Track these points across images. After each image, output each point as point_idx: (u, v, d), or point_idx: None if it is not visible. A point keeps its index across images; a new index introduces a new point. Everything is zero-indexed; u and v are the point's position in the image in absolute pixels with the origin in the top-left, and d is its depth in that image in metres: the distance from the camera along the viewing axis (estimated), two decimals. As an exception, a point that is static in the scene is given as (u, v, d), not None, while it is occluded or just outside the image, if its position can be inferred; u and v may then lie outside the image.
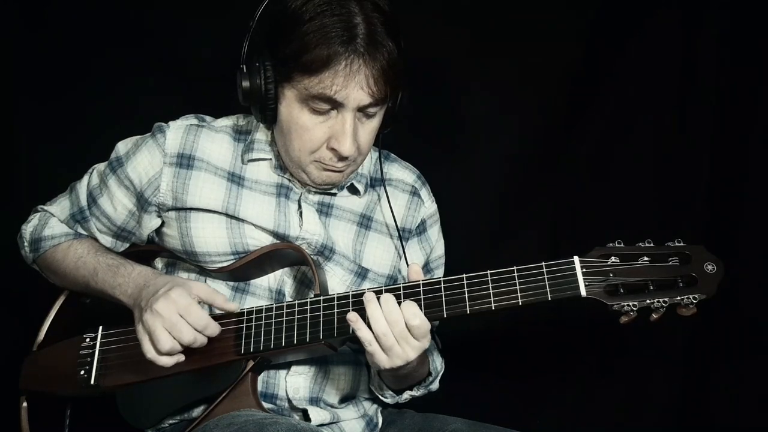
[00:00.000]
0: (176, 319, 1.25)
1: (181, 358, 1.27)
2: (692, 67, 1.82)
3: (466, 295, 1.22)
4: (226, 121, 1.48)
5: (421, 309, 1.22)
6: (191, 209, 1.39)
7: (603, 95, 1.89)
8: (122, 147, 1.46)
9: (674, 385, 1.88)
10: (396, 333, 1.19)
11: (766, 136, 1.73)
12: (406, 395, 1.43)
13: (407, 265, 1.40)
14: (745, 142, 1.77)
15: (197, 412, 1.38)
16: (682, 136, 1.84)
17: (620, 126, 1.89)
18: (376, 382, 1.43)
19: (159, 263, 1.51)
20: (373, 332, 1.19)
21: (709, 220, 1.80)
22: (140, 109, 1.74)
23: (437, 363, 1.49)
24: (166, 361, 1.26)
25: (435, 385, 1.49)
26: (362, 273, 1.44)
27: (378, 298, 1.21)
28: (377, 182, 1.49)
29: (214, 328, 1.29)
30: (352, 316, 1.21)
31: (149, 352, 1.26)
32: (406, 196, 1.52)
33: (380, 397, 1.45)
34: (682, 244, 1.19)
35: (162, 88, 1.92)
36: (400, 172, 1.54)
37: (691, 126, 1.83)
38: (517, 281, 1.20)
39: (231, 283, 1.42)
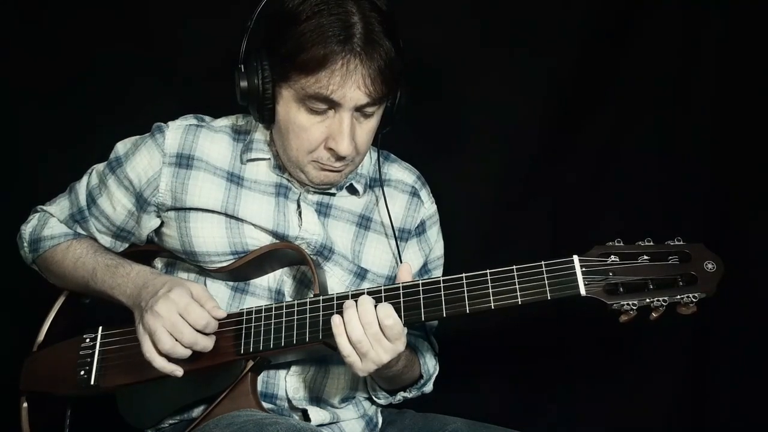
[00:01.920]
0: (176, 319, 1.25)
1: (179, 370, 1.27)
2: (692, 66, 1.82)
3: (466, 295, 1.21)
4: (225, 121, 1.47)
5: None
6: (190, 209, 1.39)
7: (603, 95, 1.89)
8: (121, 147, 1.46)
9: (674, 384, 1.88)
10: (370, 335, 1.19)
11: (766, 134, 1.73)
12: (399, 396, 1.44)
13: None
14: (745, 141, 1.77)
15: (197, 412, 1.38)
16: (682, 135, 1.84)
17: (620, 125, 1.89)
18: (369, 383, 1.44)
19: (158, 263, 1.51)
20: (348, 338, 1.19)
21: (709, 218, 1.80)
22: (139, 110, 1.74)
23: (429, 366, 1.48)
24: (163, 364, 1.26)
25: (429, 387, 1.49)
26: (361, 273, 1.44)
27: (356, 302, 1.21)
28: (376, 183, 1.49)
29: (214, 326, 1.29)
30: (336, 320, 1.20)
31: (148, 351, 1.26)
32: (406, 196, 1.51)
33: (374, 397, 1.46)
34: (681, 242, 1.18)
35: (161, 88, 1.92)
36: (400, 173, 1.53)
37: (691, 125, 1.83)
38: (516, 280, 1.19)
39: (230, 283, 1.42)
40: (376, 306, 1.20)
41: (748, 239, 1.73)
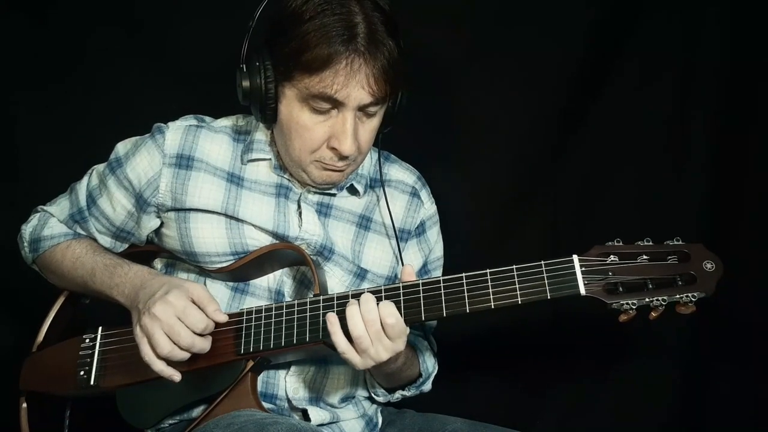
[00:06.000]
0: (174, 322, 1.25)
1: (177, 375, 1.27)
2: (692, 67, 1.83)
3: (466, 294, 1.21)
4: (226, 122, 1.48)
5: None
6: (190, 210, 1.39)
7: (603, 96, 1.90)
8: (121, 148, 1.46)
9: (673, 383, 1.89)
10: (371, 333, 1.20)
11: (766, 135, 1.74)
12: (398, 394, 1.44)
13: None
14: (745, 142, 1.78)
15: (197, 412, 1.38)
16: (682, 136, 1.85)
17: (620, 125, 1.89)
18: (369, 380, 1.44)
19: (158, 263, 1.52)
20: (350, 335, 1.20)
21: (709, 218, 1.81)
22: (140, 110, 1.74)
23: (428, 364, 1.49)
24: (161, 367, 1.26)
25: (427, 386, 1.49)
26: (361, 274, 1.44)
27: (359, 300, 1.21)
28: (377, 183, 1.49)
29: (212, 329, 1.29)
30: (332, 318, 1.21)
31: (147, 355, 1.26)
32: (406, 197, 1.52)
33: (372, 395, 1.46)
34: (681, 242, 1.19)
35: (161, 88, 1.92)
36: (400, 173, 1.54)
37: (690, 126, 1.84)
38: (516, 280, 1.20)
39: (230, 284, 1.42)
40: (378, 304, 1.20)
41: (747, 239, 1.74)
